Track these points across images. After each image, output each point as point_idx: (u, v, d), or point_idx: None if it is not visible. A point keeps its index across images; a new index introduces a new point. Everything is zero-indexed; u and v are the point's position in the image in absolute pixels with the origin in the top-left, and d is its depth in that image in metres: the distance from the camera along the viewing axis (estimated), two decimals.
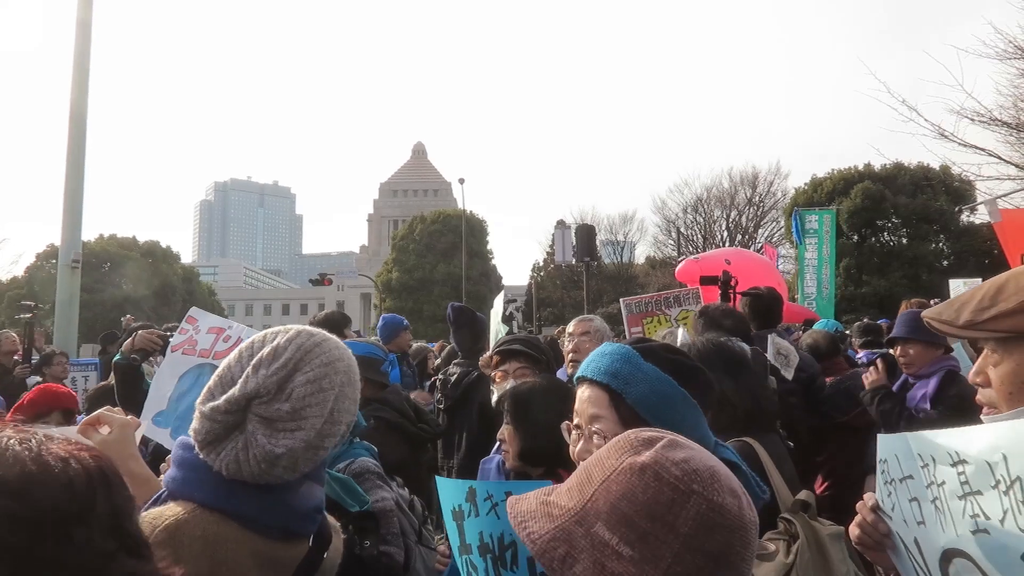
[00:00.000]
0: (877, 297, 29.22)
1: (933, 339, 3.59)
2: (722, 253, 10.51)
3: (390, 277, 52.30)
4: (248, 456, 1.25)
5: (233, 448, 1.25)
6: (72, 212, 8.50)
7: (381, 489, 2.30)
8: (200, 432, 1.27)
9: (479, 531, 1.77)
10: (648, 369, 1.42)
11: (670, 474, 0.89)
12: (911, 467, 1.16)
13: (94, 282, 44.88)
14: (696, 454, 0.93)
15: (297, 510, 1.33)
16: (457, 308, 4.77)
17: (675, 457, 0.91)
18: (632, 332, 5.45)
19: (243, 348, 1.35)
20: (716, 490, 0.89)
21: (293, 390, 1.29)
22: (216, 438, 1.26)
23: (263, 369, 1.28)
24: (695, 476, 0.89)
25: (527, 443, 2.08)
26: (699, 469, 0.90)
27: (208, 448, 1.26)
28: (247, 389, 1.26)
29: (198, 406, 1.29)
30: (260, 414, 1.26)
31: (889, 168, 32.21)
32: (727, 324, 3.42)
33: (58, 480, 0.73)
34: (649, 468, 0.90)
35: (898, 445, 1.21)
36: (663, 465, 0.90)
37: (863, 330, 6.08)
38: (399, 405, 3.54)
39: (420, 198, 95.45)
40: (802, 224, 13.13)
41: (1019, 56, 14.32)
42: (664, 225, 41.76)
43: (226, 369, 1.33)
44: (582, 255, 16.99)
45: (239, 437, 1.26)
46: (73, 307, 8.58)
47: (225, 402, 1.25)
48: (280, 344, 1.32)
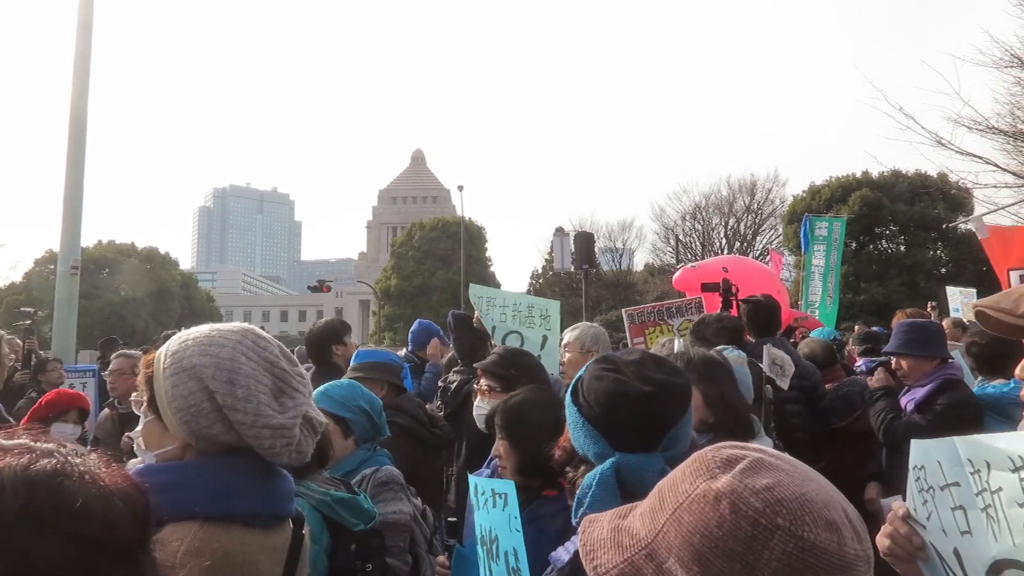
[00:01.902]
0: (875, 304, 29.24)
1: (924, 352, 3.66)
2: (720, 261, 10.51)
3: (389, 284, 52.27)
4: (313, 438, 1.43)
5: (305, 438, 1.40)
6: (71, 217, 8.49)
7: (401, 501, 2.34)
8: (292, 440, 1.36)
9: (480, 524, 1.92)
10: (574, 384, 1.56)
11: (749, 505, 0.76)
12: (957, 473, 1.10)
13: (92, 288, 44.81)
14: (784, 478, 0.78)
15: (283, 494, 1.40)
16: (457, 315, 4.77)
17: (756, 484, 0.77)
18: (634, 343, 5.45)
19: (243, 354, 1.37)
20: (807, 524, 0.74)
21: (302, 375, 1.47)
22: (299, 439, 1.37)
23: (295, 367, 1.44)
24: (779, 508, 0.75)
25: (525, 456, 2.09)
26: (784, 499, 0.76)
27: (297, 451, 1.38)
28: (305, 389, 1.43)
29: (264, 425, 1.33)
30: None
31: (887, 176, 32.30)
32: (718, 342, 3.45)
33: (126, 507, 0.77)
34: (725, 497, 0.77)
35: (942, 450, 1.15)
36: (740, 495, 0.77)
37: (862, 338, 6.10)
38: (413, 411, 3.63)
39: (419, 205, 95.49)
40: (811, 230, 13.07)
41: (1015, 64, 14.39)
42: (663, 232, 41.83)
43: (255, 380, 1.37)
44: (581, 262, 17.00)
45: (304, 427, 1.40)
46: (71, 313, 8.56)
47: (300, 406, 1.39)
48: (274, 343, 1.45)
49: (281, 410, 1.35)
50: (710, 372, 2.28)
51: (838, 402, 4.32)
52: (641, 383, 1.45)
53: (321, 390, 2.51)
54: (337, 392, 2.52)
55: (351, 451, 2.47)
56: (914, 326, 3.81)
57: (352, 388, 2.58)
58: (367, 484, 2.33)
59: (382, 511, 2.25)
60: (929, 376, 3.62)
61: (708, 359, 2.36)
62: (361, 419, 2.49)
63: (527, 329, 4.43)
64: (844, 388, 4.42)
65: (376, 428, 2.55)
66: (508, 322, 4.54)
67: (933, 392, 3.55)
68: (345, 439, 2.46)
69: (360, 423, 2.49)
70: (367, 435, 2.52)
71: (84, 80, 8.59)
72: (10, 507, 0.69)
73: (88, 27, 8.64)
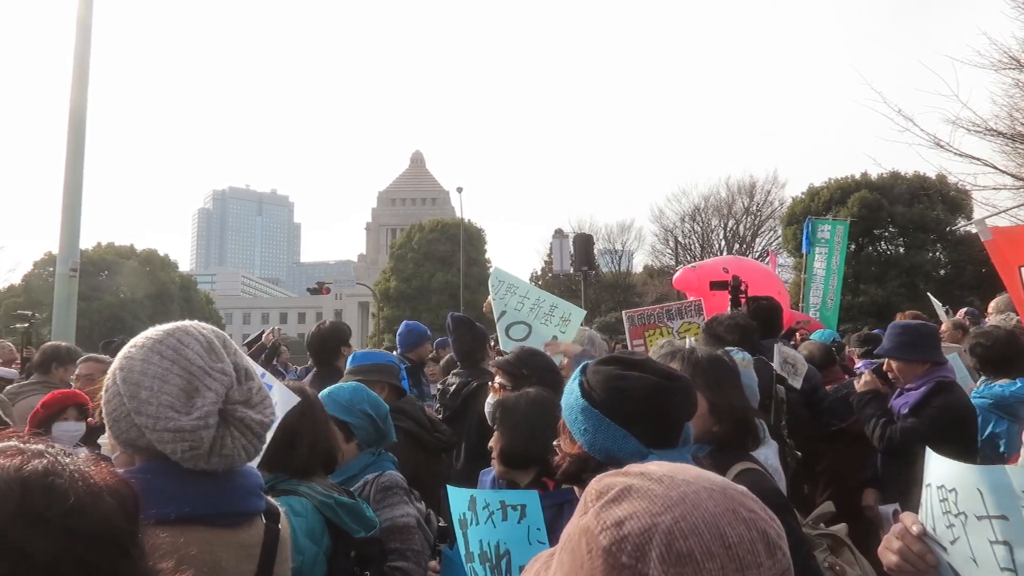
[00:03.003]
0: (875, 306, 29.26)
1: (914, 355, 3.66)
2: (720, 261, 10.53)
3: (388, 286, 52.26)
4: (248, 439, 1.33)
5: (232, 440, 1.31)
6: (70, 219, 8.48)
7: (407, 505, 2.33)
8: (198, 444, 1.28)
9: (479, 539, 1.81)
10: (572, 383, 1.53)
11: (598, 544, 0.72)
12: (1007, 506, 1.00)
13: (91, 290, 44.82)
14: (643, 507, 0.72)
15: (245, 490, 1.39)
16: (456, 318, 4.75)
17: (609, 519, 0.73)
18: (634, 344, 5.43)
19: (158, 354, 1.32)
20: (652, 560, 0.68)
21: (245, 369, 1.40)
22: (214, 442, 1.30)
23: (217, 364, 1.34)
24: (624, 544, 0.70)
25: (506, 445, 2.16)
26: (631, 534, 0.70)
27: (210, 454, 1.30)
28: (219, 387, 1.32)
29: (164, 428, 1.27)
30: (236, 400, 1.34)
31: (886, 177, 32.32)
32: (731, 339, 3.42)
33: (116, 502, 0.80)
34: (583, 535, 0.75)
35: (989, 478, 1.04)
36: (593, 532, 0.73)
37: (862, 340, 6.10)
38: (415, 414, 3.60)
39: (418, 207, 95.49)
40: (813, 233, 13.03)
41: (1014, 67, 14.40)
42: (662, 234, 41.86)
43: (161, 381, 1.30)
44: (580, 264, 17.02)
45: (227, 429, 1.32)
46: (70, 315, 8.54)
47: (211, 405, 1.30)
48: (200, 339, 1.37)
49: (187, 411, 1.28)
50: (718, 377, 2.14)
51: (838, 403, 4.33)
52: (664, 378, 1.48)
53: (326, 393, 2.49)
54: (342, 395, 2.50)
55: (353, 455, 2.44)
56: (906, 328, 3.79)
57: (357, 391, 2.54)
58: (371, 489, 2.31)
59: (390, 515, 2.23)
60: (921, 378, 3.61)
61: (716, 361, 2.22)
62: (364, 423, 2.46)
63: (540, 324, 4.31)
64: (844, 389, 4.43)
65: (380, 433, 2.51)
66: (522, 312, 4.39)
67: (927, 395, 3.54)
68: (347, 443, 2.43)
69: (363, 427, 2.46)
70: (370, 439, 2.49)
71: (83, 80, 8.59)
72: (6, 507, 0.72)
73: (87, 28, 8.63)
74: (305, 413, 2.12)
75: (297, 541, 1.85)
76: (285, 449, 2.04)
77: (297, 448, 2.03)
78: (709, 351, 2.33)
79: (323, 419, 2.20)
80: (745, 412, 2.17)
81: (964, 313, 7.77)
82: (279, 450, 2.07)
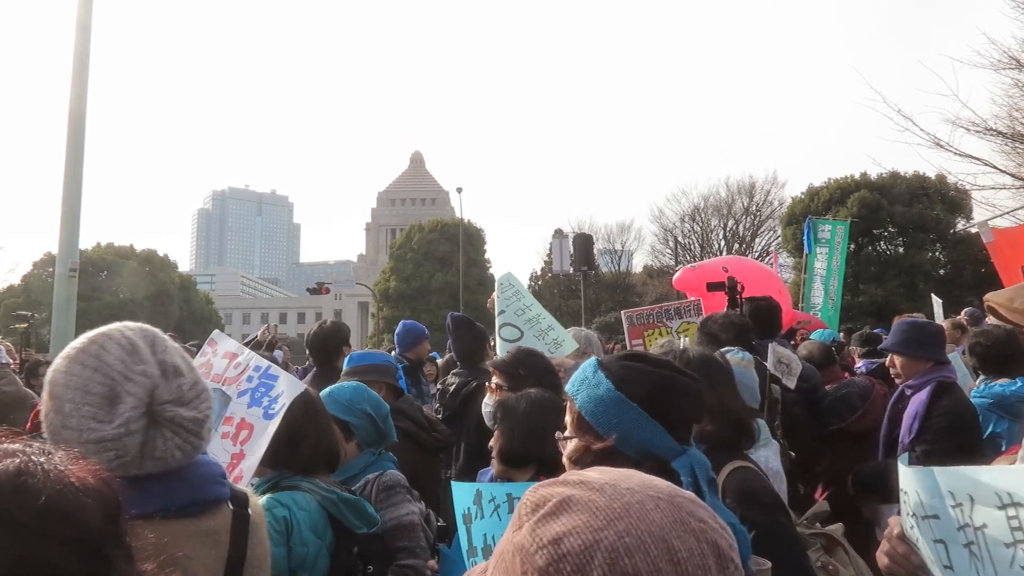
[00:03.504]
0: (874, 306, 29.27)
1: (919, 353, 3.66)
2: (719, 261, 10.51)
3: (388, 286, 52.25)
4: (183, 438, 1.30)
5: (165, 441, 1.28)
6: (70, 219, 8.47)
7: (409, 503, 2.35)
8: (124, 452, 1.25)
9: (483, 533, 1.83)
10: (596, 377, 1.47)
11: (534, 564, 0.67)
12: (937, 506, 1.05)
13: (91, 290, 44.81)
14: (583, 522, 0.67)
15: (205, 479, 1.38)
16: (456, 318, 4.75)
17: (546, 536, 0.68)
18: (633, 344, 5.43)
19: (80, 363, 1.29)
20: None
21: (173, 366, 1.35)
22: (143, 446, 1.27)
23: (138, 366, 1.30)
24: (562, 564, 0.65)
25: (506, 444, 2.17)
26: (570, 552, 0.65)
27: (141, 459, 1.27)
28: (140, 389, 1.28)
29: (88, 440, 1.23)
30: (164, 399, 1.31)
31: (885, 177, 32.33)
32: (725, 337, 3.41)
33: (94, 503, 0.77)
34: (518, 553, 0.69)
35: (922, 480, 1.08)
36: (527, 550, 0.68)
37: (863, 340, 6.10)
38: (413, 414, 3.62)
39: (418, 207, 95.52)
40: (814, 233, 13.03)
41: (1013, 67, 14.41)
42: (662, 234, 41.86)
43: (83, 391, 1.27)
44: (580, 264, 17.03)
45: (158, 430, 1.29)
46: (70, 315, 8.53)
47: (132, 410, 1.26)
48: (122, 342, 1.33)
49: (109, 419, 1.25)
50: (710, 376, 2.12)
51: (838, 403, 4.33)
52: (691, 378, 1.51)
53: (326, 392, 2.50)
54: (342, 395, 2.50)
55: (353, 455, 2.45)
56: (913, 325, 3.81)
57: (357, 391, 2.55)
58: (372, 488, 2.32)
59: (394, 514, 2.25)
60: (923, 376, 3.60)
61: (707, 360, 2.23)
62: (364, 423, 2.47)
63: (532, 337, 4.36)
64: (843, 389, 4.43)
65: (381, 433, 2.52)
66: (519, 320, 4.45)
67: (930, 399, 3.50)
68: (347, 443, 2.44)
69: (363, 427, 2.46)
70: (370, 439, 2.49)
71: (83, 80, 8.59)
72: None
73: (87, 28, 8.63)
74: (308, 412, 2.14)
75: (301, 534, 1.87)
76: (289, 447, 2.06)
77: (301, 446, 2.05)
78: (701, 351, 2.35)
79: (325, 418, 2.22)
80: (739, 411, 2.16)
81: (965, 313, 7.79)
82: (283, 448, 2.09)
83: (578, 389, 1.50)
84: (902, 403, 3.76)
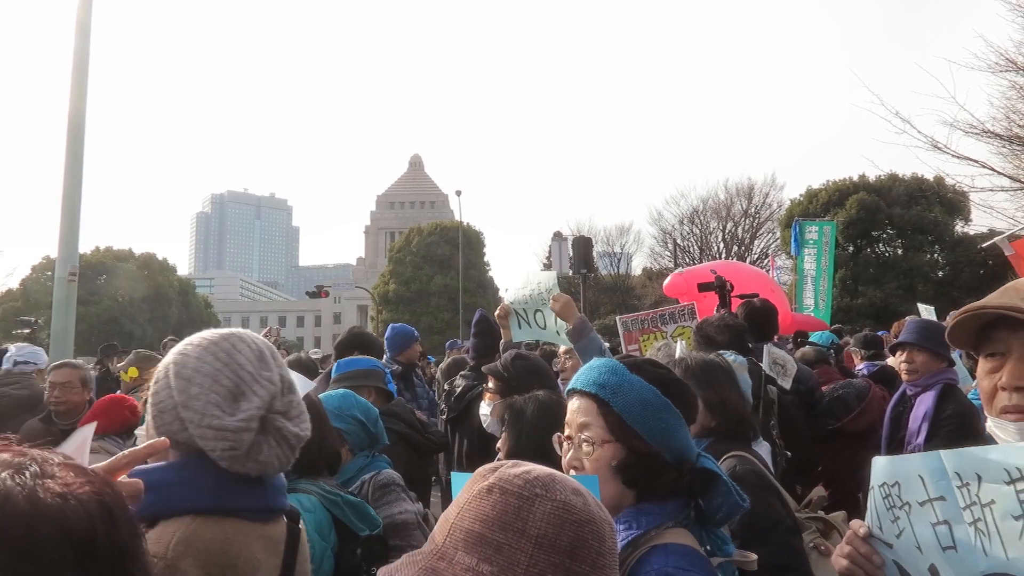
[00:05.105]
0: (873, 308, 29.29)
1: (940, 349, 3.61)
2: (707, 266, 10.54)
3: (387, 289, 52.24)
4: (283, 449, 1.37)
5: (269, 448, 1.34)
6: (69, 223, 8.48)
7: (405, 502, 2.37)
8: (238, 445, 1.31)
9: None
10: (634, 380, 1.48)
11: (513, 485, 0.95)
12: (943, 488, 1.09)
13: (90, 294, 44.74)
14: (535, 467, 0.99)
15: (275, 488, 1.42)
16: (483, 315, 4.75)
17: (515, 472, 0.97)
18: (629, 349, 5.44)
19: (212, 355, 1.37)
20: (558, 490, 0.95)
21: (289, 382, 1.43)
22: (252, 446, 1.33)
23: (265, 372, 1.38)
24: (536, 482, 0.95)
25: (513, 446, 2.20)
26: (539, 476, 0.96)
27: (247, 458, 1.32)
28: (265, 393, 1.35)
29: (208, 425, 1.31)
30: (277, 409, 1.37)
31: (884, 179, 32.37)
32: (721, 339, 3.44)
33: (54, 522, 0.68)
34: (495, 487, 0.96)
35: (925, 465, 1.13)
36: (505, 479, 0.96)
37: (865, 341, 6.09)
38: (407, 417, 3.66)
39: (417, 210, 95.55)
40: (801, 235, 13.13)
41: (1011, 69, 14.44)
42: (660, 237, 41.83)
43: (212, 380, 1.34)
44: (579, 267, 17.04)
45: (266, 436, 1.34)
46: (69, 319, 8.54)
47: (256, 410, 1.33)
48: (252, 346, 1.41)
49: (232, 412, 1.32)
50: (709, 376, 2.28)
51: (834, 403, 4.35)
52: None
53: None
54: (331, 403, 2.52)
55: (347, 460, 2.49)
56: (931, 324, 3.89)
57: (346, 398, 2.59)
58: (368, 488, 2.34)
59: (389, 512, 2.28)
60: (931, 377, 3.59)
61: (706, 363, 2.35)
62: (355, 428, 2.50)
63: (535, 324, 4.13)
64: (840, 389, 4.46)
65: (372, 437, 2.55)
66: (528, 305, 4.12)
67: (940, 398, 3.49)
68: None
69: (354, 433, 2.50)
70: (362, 444, 2.53)
71: (83, 84, 8.59)
72: None
73: (87, 31, 8.64)
74: (312, 414, 2.15)
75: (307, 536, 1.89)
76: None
77: (306, 447, 2.07)
78: (701, 355, 2.46)
79: (327, 420, 2.24)
80: (740, 407, 2.28)
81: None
82: None
83: (615, 392, 1.46)
84: (904, 405, 3.75)
